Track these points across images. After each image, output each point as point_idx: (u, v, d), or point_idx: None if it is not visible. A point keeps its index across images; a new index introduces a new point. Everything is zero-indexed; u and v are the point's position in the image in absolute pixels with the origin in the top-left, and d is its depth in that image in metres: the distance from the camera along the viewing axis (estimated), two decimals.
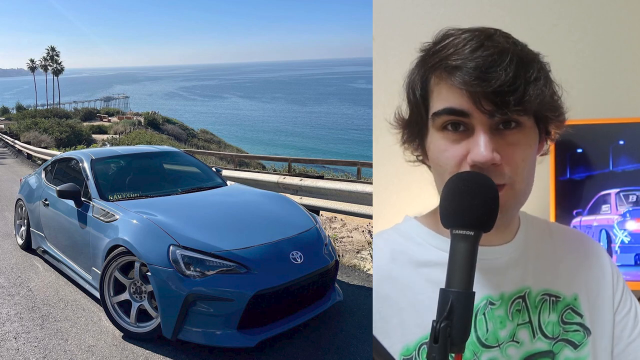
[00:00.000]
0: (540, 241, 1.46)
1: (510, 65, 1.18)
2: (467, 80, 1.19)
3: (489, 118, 1.21)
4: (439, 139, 1.29)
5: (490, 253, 1.36)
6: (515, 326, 1.36)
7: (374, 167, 2.10)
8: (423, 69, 1.32)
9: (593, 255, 1.49)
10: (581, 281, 1.44)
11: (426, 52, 1.32)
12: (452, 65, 1.22)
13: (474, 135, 1.23)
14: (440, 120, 1.27)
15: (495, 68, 1.18)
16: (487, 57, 1.19)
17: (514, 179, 1.25)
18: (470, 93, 1.20)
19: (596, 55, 2.09)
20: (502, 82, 1.17)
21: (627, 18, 2.08)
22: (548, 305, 1.39)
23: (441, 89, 1.27)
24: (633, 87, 2.09)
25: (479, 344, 1.34)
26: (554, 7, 2.08)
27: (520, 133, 1.25)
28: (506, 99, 1.18)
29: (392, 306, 1.36)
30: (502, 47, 1.21)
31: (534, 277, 1.40)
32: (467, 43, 1.22)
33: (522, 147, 1.25)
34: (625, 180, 1.99)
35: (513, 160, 1.24)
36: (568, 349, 1.38)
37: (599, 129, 2.00)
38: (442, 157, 1.29)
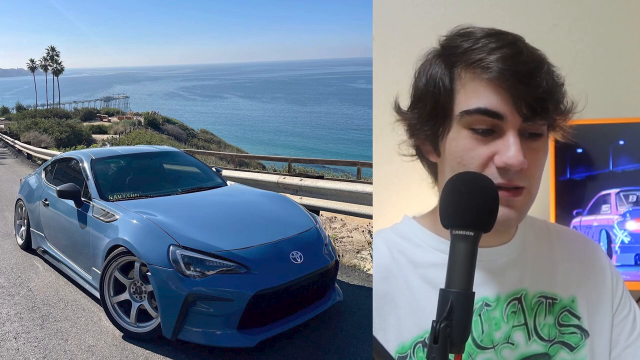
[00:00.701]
0: (539, 242, 1.45)
1: (548, 74, 1.23)
2: (512, 82, 1.20)
3: (524, 122, 1.22)
4: (465, 137, 1.27)
5: (487, 254, 1.36)
6: (510, 328, 1.36)
7: (374, 167, 2.10)
8: (447, 63, 1.29)
9: (593, 257, 1.49)
10: (580, 283, 1.44)
11: (450, 47, 1.30)
12: (493, 67, 1.21)
13: (504, 138, 1.23)
14: (471, 119, 1.25)
15: (536, 74, 1.21)
16: (528, 64, 1.22)
17: (531, 184, 1.28)
18: (512, 95, 1.20)
19: (596, 55, 2.09)
20: (544, 89, 1.21)
21: (627, 18, 2.07)
22: (544, 308, 1.39)
23: (476, 87, 1.25)
24: (633, 87, 2.09)
25: (475, 345, 1.34)
26: (554, 7, 2.07)
27: (540, 140, 1.28)
28: (546, 105, 1.21)
29: (389, 304, 1.36)
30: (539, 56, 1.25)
31: (531, 278, 1.40)
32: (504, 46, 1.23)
33: (541, 153, 1.29)
34: (625, 180, 1.99)
35: (534, 165, 1.27)
36: (564, 351, 1.38)
37: (599, 129, 2.00)
38: (466, 156, 1.27)
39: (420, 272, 1.37)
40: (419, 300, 1.34)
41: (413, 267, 1.38)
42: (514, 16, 2.06)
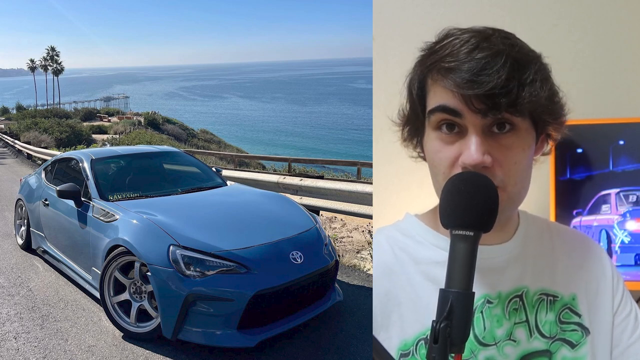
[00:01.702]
0: (540, 240, 1.46)
1: (504, 67, 1.18)
2: (458, 83, 1.20)
3: (482, 118, 1.21)
4: (433, 139, 1.30)
5: (488, 252, 1.36)
6: (512, 325, 1.36)
7: (374, 167, 2.10)
8: (421, 68, 1.33)
9: (594, 256, 1.49)
10: (580, 281, 1.44)
11: (425, 51, 1.33)
12: (446, 67, 1.23)
13: (466, 137, 1.24)
14: (435, 118, 1.27)
15: (487, 71, 1.18)
16: (480, 60, 1.19)
17: (506, 182, 1.25)
18: (462, 95, 1.20)
19: (596, 55, 2.09)
20: (494, 84, 1.17)
21: (627, 18, 2.07)
22: (545, 305, 1.40)
23: (436, 89, 1.28)
24: (633, 87, 2.09)
25: (477, 342, 1.35)
26: (554, 7, 2.07)
27: (514, 136, 1.24)
28: (497, 100, 1.18)
29: (391, 301, 1.37)
30: (497, 49, 1.20)
31: (532, 276, 1.40)
32: (464, 44, 1.22)
33: (516, 149, 1.25)
34: (625, 180, 1.98)
35: (505, 162, 1.24)
36: (565, 348, 1.39)
37: (599, 129, 2.00)
38: (435, 157, 1.30)
39: (422, 269, 1.37)
40: (421, 297, 1.34)
41: (415, 264, 1.38)
42: (514, 16, 2.06)
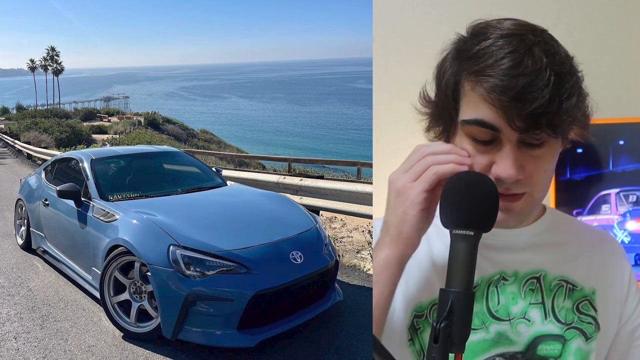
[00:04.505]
0: (565, 231, 1.48)
1: (547, 87, 1.17)
2: (503, 101, 1.18)
3: (520, 134, 1.21)
4: (466, 144, 1.28)
5: (505, 234, 1.39)
6: (527, 304, 1.39)
7: (374, 167, 2.10)
8: (457, 67, 1.29)
9: (615, 257, 1.51)
10: (601, 278, 1.46)
11: (462, 49, 1.29)
12: (488, 80, 1.20)
13: (502, 150, 1.23)
14: (471, 129, 1.26)
15: (532, 89, 1.16)
16: (525, 78, 1.17)
17: (533, 189, 1.28)
18: (504, 112, 1.19)
19: (596, 55, 2.08)
20: (538, 105, 1.16)
21: (627, 18, 2.07)
22: (564, 291, 1.42)
23: (473, 97, 1.25)
24: (633, 87, 2.09)
25: (489, 314, 1.37)
26: (554, 7, 2.07)
27: (545, 148, 1.26)
28: (538, 120, 1.18)
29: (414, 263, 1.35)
30: (541, 65, 1.18)
31: (553, 262, 1.42)
32: (506, 56, 1.19)
33: (546, 161, 1.27)
34: (625, 180, 1.98)
35: (536, 172, 1.26)
36: (581, 339, 1.40)
37: (599, 129, 2.00)
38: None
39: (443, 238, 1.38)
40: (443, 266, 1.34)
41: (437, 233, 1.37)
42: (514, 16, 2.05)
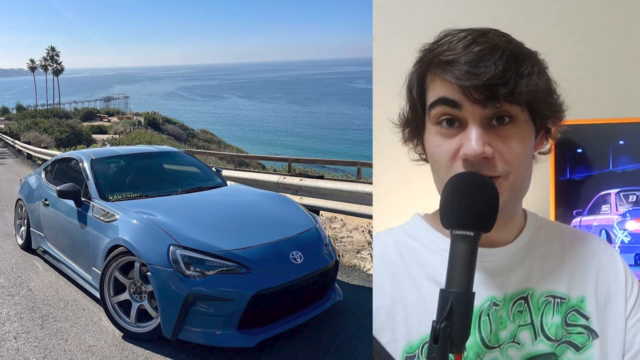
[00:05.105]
0: (549, 242, 1.45)
1: (501, 59, 1.21)
2: (458, 75, 1.22)
3: (481, 109, 1.22)
4: (434, 134, 1.31)
5: (494, 254, 1.36)
6: (516, 327, 1.35)
7: (374, 167, 2.10)
8: (420, 66, 1.34)
9: (606, 259, 1.48)
10: (590, 284, 1.43)
11: (424, 51, 1.34)
12: (444, 60, 1.25)
13: (466, 129, 1.25)
14: (435, 112, 1.28)
15: (485, 62, 1.20)
16: (478, 52, 1.21)
17: (508, 171, 1.25)
18: (461, 86, 1.22)
19: (596, 55, 2.08)
20: (492, 75, 1.19)
21: (627, 18, 2.07)
22: (552, 307, 1.39)
23: (435, 83, 1.30)
24: (633, 87, 2.08)
25: (483, 345, 1.34)
26: (554, 7, 2.07)
27: (513, 127, 1.25)
28: (496, 90, 1.20)
29: (397, 303, 1.36)
30: (494, 43, 1.23)
31: (538, 278, 1.39)
32: (461, 40, 1.25)
33: (516, 140, 1.26)
34: (625, 180, 1.98)
35: (506, 153, 1.25)
36: (570, 351, 1.37)
37: (599, 129, 2.00)
38: (437, 152, 1.30)
39: (428, 272, 1.37)
40: (427, 301, 1.34)
41: (422, 268, 1.38)
42: (514, 16, 2.06)
